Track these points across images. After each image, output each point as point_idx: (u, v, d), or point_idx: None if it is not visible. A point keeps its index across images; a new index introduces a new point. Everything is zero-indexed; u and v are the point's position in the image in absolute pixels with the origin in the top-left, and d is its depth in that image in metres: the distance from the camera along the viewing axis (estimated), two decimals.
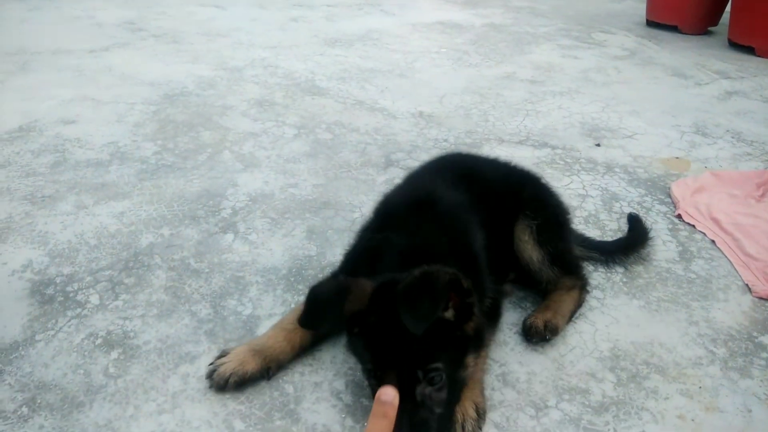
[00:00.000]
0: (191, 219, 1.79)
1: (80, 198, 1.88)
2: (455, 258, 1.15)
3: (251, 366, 1.18)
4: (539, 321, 1.35)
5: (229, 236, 1.72)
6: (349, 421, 1.14)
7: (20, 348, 1.27)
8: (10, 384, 1.18)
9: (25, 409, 1.13)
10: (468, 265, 1.17)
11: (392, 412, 0.78)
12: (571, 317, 1.41)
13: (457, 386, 1.07)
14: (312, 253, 1.66)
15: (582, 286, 1.47)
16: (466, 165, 1.59)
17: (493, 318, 1.31)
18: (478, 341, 1.11)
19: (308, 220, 1.82)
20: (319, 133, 2.48)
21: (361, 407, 1.16)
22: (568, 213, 1.60)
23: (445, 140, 2.45)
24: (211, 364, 1.20)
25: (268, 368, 1.21)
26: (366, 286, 1.07)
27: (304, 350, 1.28)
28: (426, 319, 0.96)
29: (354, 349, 1.13)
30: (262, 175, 2.10)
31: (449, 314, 1.05)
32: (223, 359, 1.19)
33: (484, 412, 1.14)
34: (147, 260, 1.59)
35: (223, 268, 1.58)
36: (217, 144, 2.33)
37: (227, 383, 1.16)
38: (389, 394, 0.75)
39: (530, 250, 1.44)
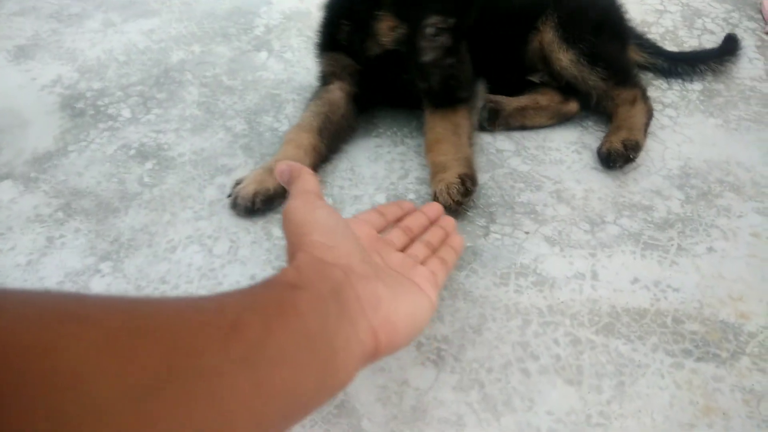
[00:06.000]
0: (222, 37, 1.66)
1: (108, 16, 1.77)
2: None
3: (272, 182, 1.08)
4: (616, 143, 1.20)
5: (263, 54, 1.60)
6: None
7: (53, 158, 1.24)
8: (45, 191, 1.17)
9: (60, 214, 1.12)
10: None
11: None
12: (646, 130, 1.26)
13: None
14: None
15: (643, 94, 1.29)
16: None
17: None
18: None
19: None
20: None
21: None
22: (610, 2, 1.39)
23: None
24: (229, 195, 1.11)
25: None
26: None
27: (323, 158, 1.20)
28: None
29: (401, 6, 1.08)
30: None
31: None
32: (241, 185, 1.10)
33: (470, 177, 1.08)
34: (178, 76, 1.50)
35: (257, 85, 1.47)
36: None
37: (254, 204, 1.08)
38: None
39: (557, 51, 1.26)
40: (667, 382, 0.85)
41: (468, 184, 1.08)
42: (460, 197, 1.07)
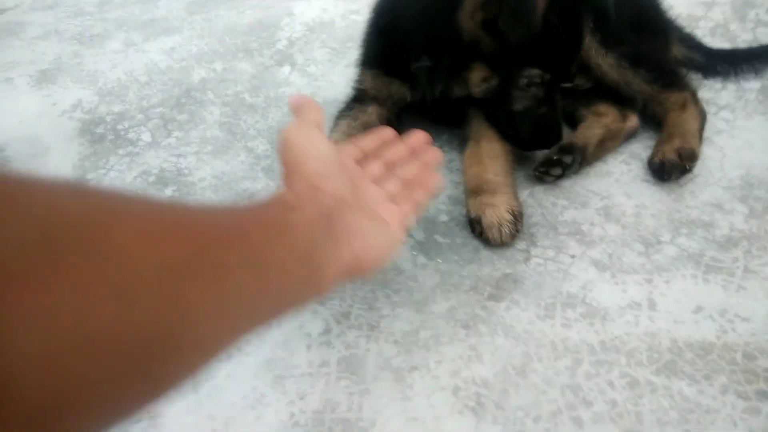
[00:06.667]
0: (244, 52, 1.61)
1: (129, 35, 1.74)
2: None
3: None
4: (670, 153, 1.09)
5: (286, 69, 1.54)
6: (421, 259, 1.00)
7: None
8: None
9: None
10: None
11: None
12: (701, 136, 1.15)
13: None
14: None
15: (693, 97, 1.18)
16: None
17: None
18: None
19: None
20: None
21: (434, 244, 1.02)
22: None
23: None
24: None
25: None
26: None
27: None
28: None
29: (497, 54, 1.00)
30: (320, 2, 1.84)
31: None
32: None
33: (521, 215, 1.01)
34: (200, 96, 1.45)
35: (280, 102, 1.41)
36: None
37: None
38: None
39: (595, 56, 1.16)
40: (741, 431, 0.75)
41: (519, 225, 1.00)
42: (510, 239, 0.98)
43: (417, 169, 0.85)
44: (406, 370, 0.84)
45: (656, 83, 1.16)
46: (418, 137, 0.89)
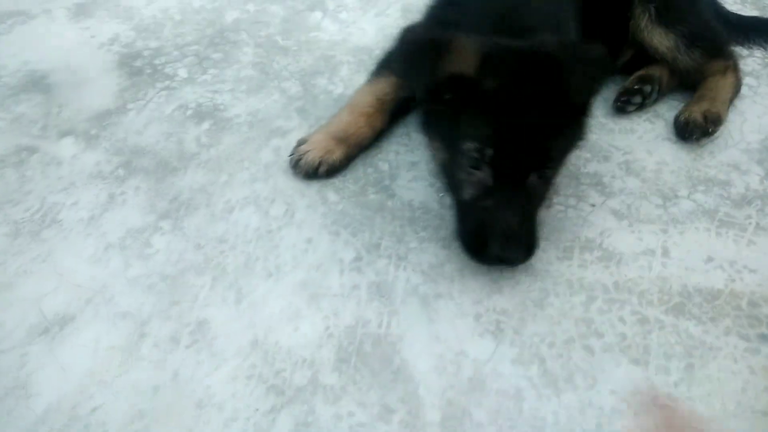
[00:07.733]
0: None
1: None
2: (547, 30, 0.91)
3: (337, 155, 1.08)
4: (696, 113, 1.13)
5: (317, 14, 1.56)
6: (447, 199, 1.05)
7: (113, 115, 1.25)
8: (105, 148, 1.18)
9: (121, 171, 1.13)
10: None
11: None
12: (730, 104, 1.18)
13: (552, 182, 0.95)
14: None
15: (734, 66, 1.21)
16: None
17: None
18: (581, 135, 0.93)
19: None
20: None
21: None
22: None
23: None
24: (291, 154, 1.10)
25: (352, 156, 1.12)
26: (470, 46, 0.82)
27: (382, 133, 1.16)
28: (592, 89, 0.86)
29: (442, 121, 0.90)
30: None
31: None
32: (305, 147, 1.09)
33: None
34: (233, 36, 1.48)
35: (311, 46, 1.44)
36: None
37: (317, 172, 1.08)
38: None
39: (656, 36, 1.18)
40: (741, 367, 0.81)
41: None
42: None
43: None
44: (431, 297, 0.90)
45: (704, 55, 1.18)
46: None
